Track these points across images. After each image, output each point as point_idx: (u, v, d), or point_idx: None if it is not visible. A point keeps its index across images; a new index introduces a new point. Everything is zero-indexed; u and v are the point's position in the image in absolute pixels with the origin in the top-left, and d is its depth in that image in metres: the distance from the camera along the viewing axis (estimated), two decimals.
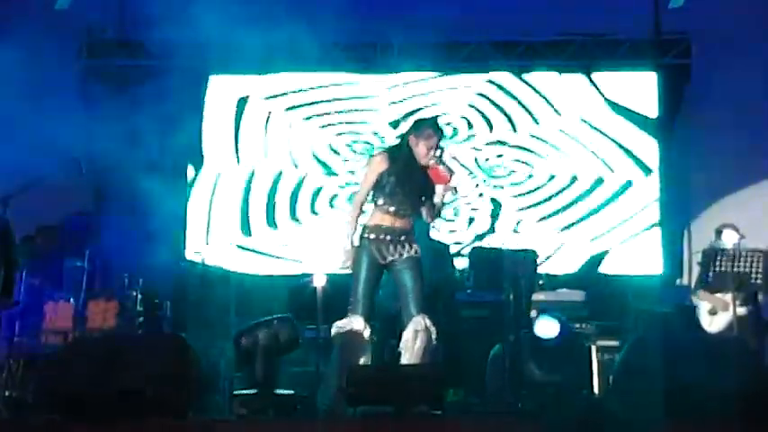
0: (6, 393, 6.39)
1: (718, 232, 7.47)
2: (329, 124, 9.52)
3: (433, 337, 5.60)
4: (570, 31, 9.37)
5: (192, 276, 7.82)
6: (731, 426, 4.87)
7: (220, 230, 9.39)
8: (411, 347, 5.54)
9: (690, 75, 9.26)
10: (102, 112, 9.05)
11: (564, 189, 9.41)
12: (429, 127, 5.78)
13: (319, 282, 6.04)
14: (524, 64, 9.47)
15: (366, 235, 5.71)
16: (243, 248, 9.34)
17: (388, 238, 5.67)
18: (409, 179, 5.68)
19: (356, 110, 9.56)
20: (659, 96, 9.43)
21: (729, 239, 7.34)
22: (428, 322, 5.59)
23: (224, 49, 9.05)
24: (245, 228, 9.40)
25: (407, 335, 5.57)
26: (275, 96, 9.57)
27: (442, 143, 5.71)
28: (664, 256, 9.25)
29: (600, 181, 9.39)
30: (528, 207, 9.38)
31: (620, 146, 9.42)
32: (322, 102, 9.54)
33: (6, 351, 6.59)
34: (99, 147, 8.97)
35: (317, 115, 9.54)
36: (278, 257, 9.31)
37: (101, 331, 7.08)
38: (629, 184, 9.38)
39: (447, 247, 8.06)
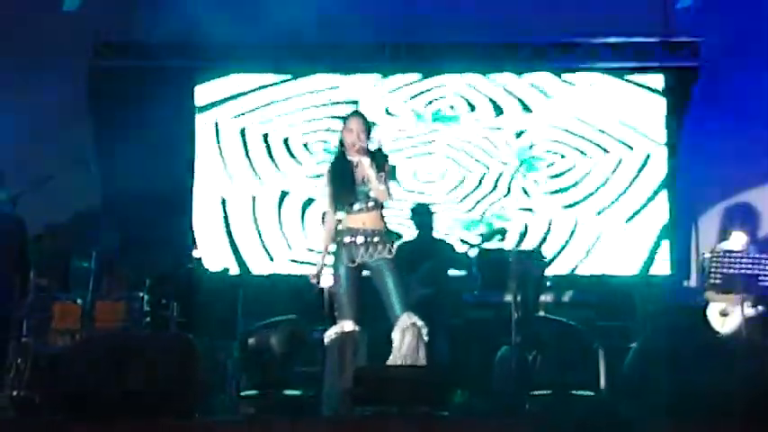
0: (14, 393, 6.40)
1: (727, 233, 7.45)
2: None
3: (423, 332, 5.57)
4: (577, 32, 9.35)
5: (198, 277, 7.82)
6: (738, 427, 4.86)
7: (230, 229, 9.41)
8: (400, 347, 5.52)
9: (698, 76, 9.24)
10: (109, 112, 9.08)
11: (571, 188, 9.40)
12: (345, 117, 5.83)
13: (326, 282, 6.03)
14: (530, 66, 9.44)
15: (339, 239, 5.76)
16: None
17: (359, 240, 5.67)
18: (342, 173, 5.73)
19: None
20: (667, 98, 9.40)
21: (738, 241, 7.32)
22: (415, 319, 5.56)
23: (232, 50, 9.07)
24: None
25: (396, 336, 5.55)
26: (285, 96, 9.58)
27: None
28: (671, 257, 9.22)
29: (606, 181, 9.37)
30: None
31: (628, 146, 9.40)
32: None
33: (14, 351, 6.59)
34: (106, 147, 9.02)
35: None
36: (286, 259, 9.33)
37: (108, 332, 7.08)
38: (637, 184, 9.36)
39: (453, 247, 8.05)
